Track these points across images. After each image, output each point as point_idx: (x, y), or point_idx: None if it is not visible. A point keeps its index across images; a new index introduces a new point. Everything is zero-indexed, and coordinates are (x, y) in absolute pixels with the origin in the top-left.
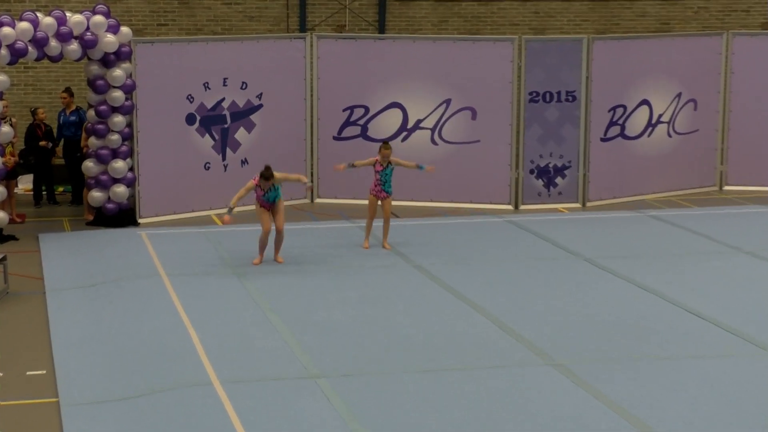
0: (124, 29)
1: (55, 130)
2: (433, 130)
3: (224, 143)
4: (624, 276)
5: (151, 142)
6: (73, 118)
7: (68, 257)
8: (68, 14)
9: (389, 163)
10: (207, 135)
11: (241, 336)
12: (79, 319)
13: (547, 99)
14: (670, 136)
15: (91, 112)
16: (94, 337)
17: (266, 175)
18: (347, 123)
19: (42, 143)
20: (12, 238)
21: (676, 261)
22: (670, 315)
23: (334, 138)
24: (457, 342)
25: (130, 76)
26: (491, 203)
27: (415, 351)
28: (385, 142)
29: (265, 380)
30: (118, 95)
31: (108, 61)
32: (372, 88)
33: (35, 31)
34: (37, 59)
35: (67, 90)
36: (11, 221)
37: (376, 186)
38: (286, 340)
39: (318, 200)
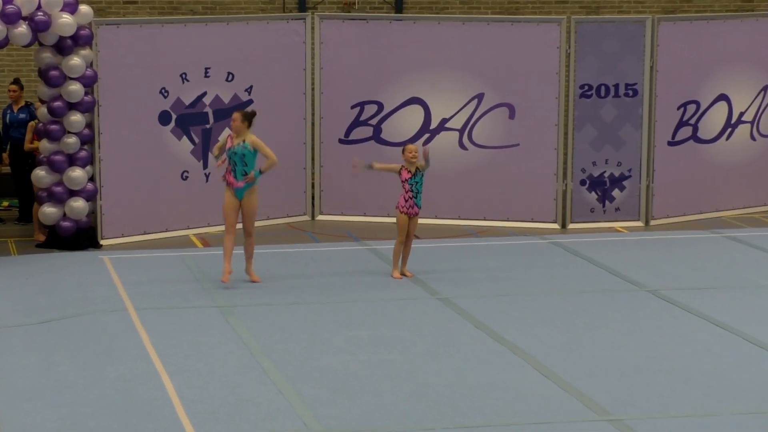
0: (84, 8)
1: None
2: (461, 131)
3: (206, 147)
4: (697, 312)
5: (116, 146)
6: (22, 116)
7: (15, 287)
8: None
9: (417, 169)
10: (185, 137)
11: (226, 385)
12: (29, 363)
13: (603, 94)
14: (753, 139)
15: (43, 110)
16: (46, 386)
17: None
18: (356, 123)
19: None
20: None
21: (761, 293)
22: (754, 360)
23: (341, 141)
24: (492, 393)
25: (90, 65)
26: (533, 221)
27: (441, 404)
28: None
29: None
30: (75, 89)
31: (63, 47)
32: (387, 80)
33: None
34: None
35: (16, 82)
36: None
37: (407, 201)
38: (281, 390)
39: (320, 217)
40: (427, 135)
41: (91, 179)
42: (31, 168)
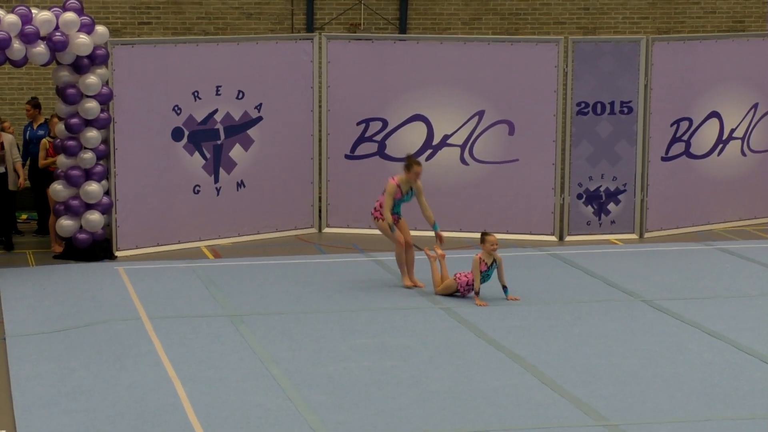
0: (100, 29)
1: (21, 147)
2: (463, 147)
3: (217, 163)
4: (690, 321)
5: (130, 161)
6: (41, 132)
7: (32, 297)
8: (34, 11)
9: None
10: (197, 153)
11: (236, 392)
12: (45, 371)
13: (599, 111)
14: (744, 154)
15: (61, 126)
16: (62, 393)
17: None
18: (362, 139)
19: None
20: None
21: (752, 303)
22: (745, 368)
23: (347, 156)
24: (492, 399)
25: (106, 83)
26: (531, 234)
27: (443, 410)
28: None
29: None
30: (92, 106)
31: (80, 65)
32: (391, 97)
33: None
34: None
35: (32, 101)
36: None
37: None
38: (290, 396)
39: (327, 230)
40: (429, 150)
41: (107, 193)
42: (47, 182)
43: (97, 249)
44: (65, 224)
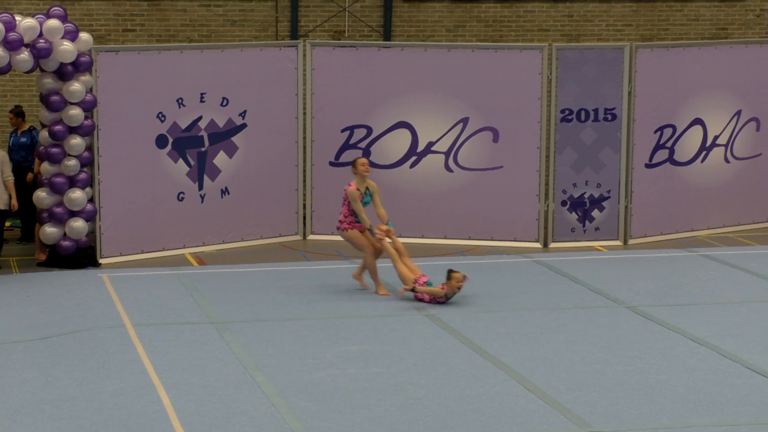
0: (84, 35)
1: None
2: (447, 154)
3: (201, 170)
4: (674, 327)
5: (114, 168)
6: (24, 139)
7: (16, 305)
8: (17, 18)
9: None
10: (181, 160)
11: (220, 399)
12: (29, 379)
13: (583, 118)
14: (727, 161)
15: (45, 133)
16: (46, 401)
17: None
18: (346, 146)
19: None
20: None
21: (735, 309)
22: (728, 374)
23: (331, 163)
24: (477, 406)
25: (90, 90)
26: (516, 240)
27: (428, 416)
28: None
29: None
30: (76, 113)
31: (64, 72)
32: (376, 104)
33: None
34: None
35: (15, 110)
36: None
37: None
38: (274, 403)
39: (311, 237)
40: (414, 158)
41: (91, 200)
42: (31, 189)
43: (81, 256)
44: (49, 231)
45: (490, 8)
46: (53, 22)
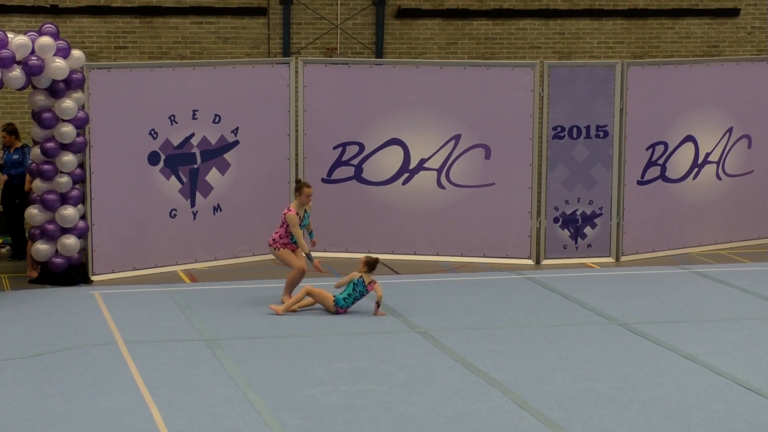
0: (76, 53)
1: None
2: (439, 171)
3: (193, 187)
4: (666, 344)
5: (106, 185)
6: (16, 156)
7: (7, 322)
8: (10, 35)
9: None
10: (173, 177)
11: (212, 416)
12: (20, 396)
13: (575, 135)
14: (719, 178)
15: (37, 150)
16: (37, 418)
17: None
18: (339, 163)
19: None
20: None
21: (728, 326)
22: (721, 391)
23: (323, 180)
24: (469, 423)
25: (82, 107)
26: (508, 257)
27: None
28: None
29: None
30: (68, 130)
31: (56, 90)
32: (368, 121)
33: None
34: None
35: (8, 127)
36: None
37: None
38: (266, 421)
39: None
40: (406, 174)
41: (83, 217)
42: (22, 206)
43: (73, 273)
44: (41, 248)
45: (482, 26)
46: (45, 40)
